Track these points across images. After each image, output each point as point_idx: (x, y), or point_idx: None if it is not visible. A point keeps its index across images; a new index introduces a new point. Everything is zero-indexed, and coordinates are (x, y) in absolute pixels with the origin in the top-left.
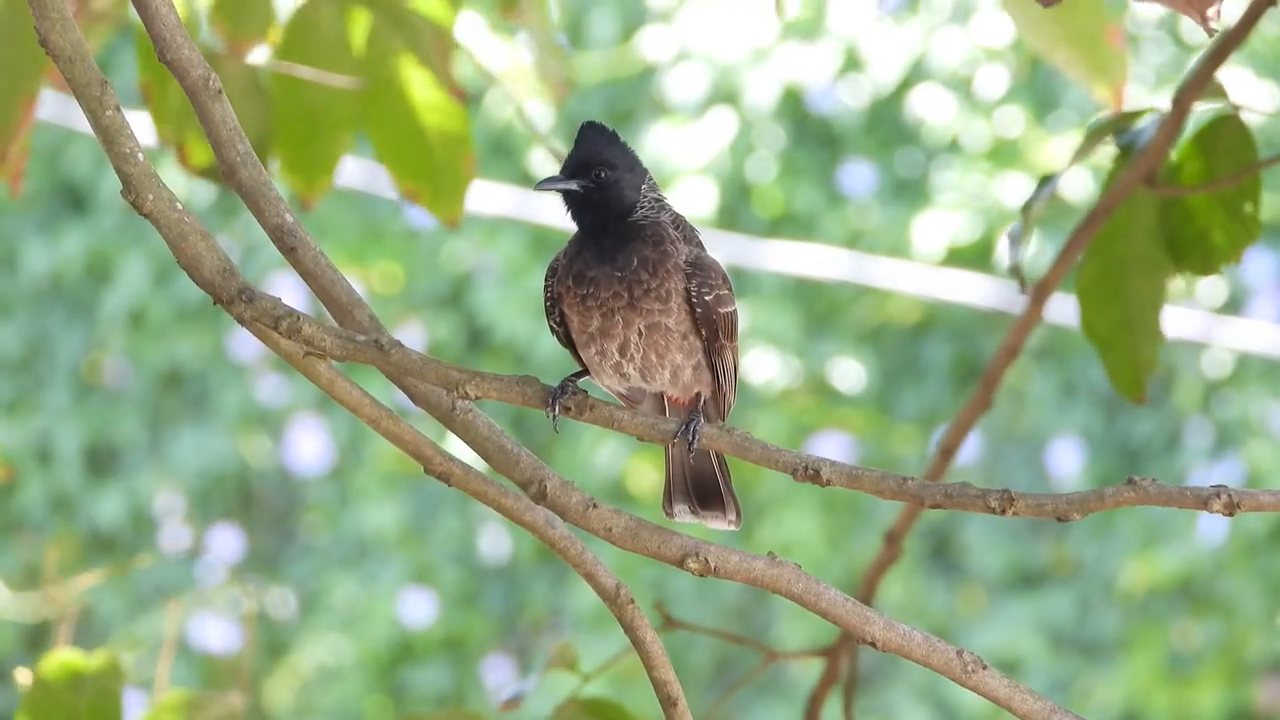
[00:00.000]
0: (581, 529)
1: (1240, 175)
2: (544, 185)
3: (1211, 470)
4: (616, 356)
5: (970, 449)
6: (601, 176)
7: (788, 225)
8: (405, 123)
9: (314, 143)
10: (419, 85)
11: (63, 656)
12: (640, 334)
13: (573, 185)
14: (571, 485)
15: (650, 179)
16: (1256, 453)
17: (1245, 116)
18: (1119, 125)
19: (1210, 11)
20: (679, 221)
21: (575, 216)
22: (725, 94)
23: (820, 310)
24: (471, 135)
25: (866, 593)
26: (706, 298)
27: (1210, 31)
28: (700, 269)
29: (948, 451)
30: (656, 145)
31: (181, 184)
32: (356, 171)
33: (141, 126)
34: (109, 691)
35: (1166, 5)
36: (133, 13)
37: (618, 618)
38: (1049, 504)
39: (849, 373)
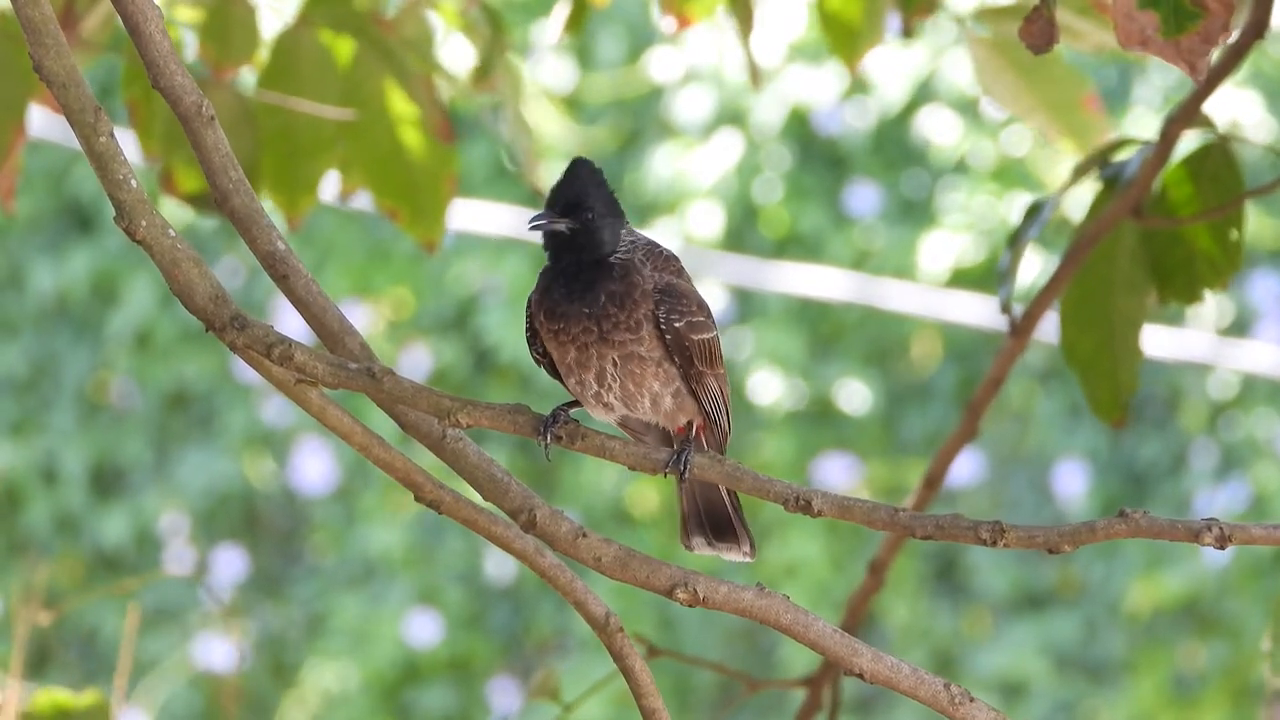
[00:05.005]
0: (571, 558)
1: (1227, 207)
2: (536, 223)
3: (1217, 493)
4: (595, 386)
5: (975, 470)
6: (589, 219)
7: (794, 246)
8: (386, 141)
9: (296, 161)
10: (400, 104)
11: (52, 695)
12: (615, 364)
13: (562, 226)
14: (561, 514)
15: (627, 223)
16: (1262, 474)
17: (1241, 143)
18: (1105, 158)
19: (1199, 64)
20: (652, 251)
21: (553, 253)
22: (732, 115)
23: (826, 332)
24: (455, 156)
25: (852, 621)
26: (676, 324)
27: (1198, 83)
28: (670, 295)
29: (932, 482)
30: (663, 167)
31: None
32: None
33: (130, 145)
34: None
35: (1155, 55)
36: (121, 34)
37: (607, 646)
38: (1040, 536)
39: (855, 395)
